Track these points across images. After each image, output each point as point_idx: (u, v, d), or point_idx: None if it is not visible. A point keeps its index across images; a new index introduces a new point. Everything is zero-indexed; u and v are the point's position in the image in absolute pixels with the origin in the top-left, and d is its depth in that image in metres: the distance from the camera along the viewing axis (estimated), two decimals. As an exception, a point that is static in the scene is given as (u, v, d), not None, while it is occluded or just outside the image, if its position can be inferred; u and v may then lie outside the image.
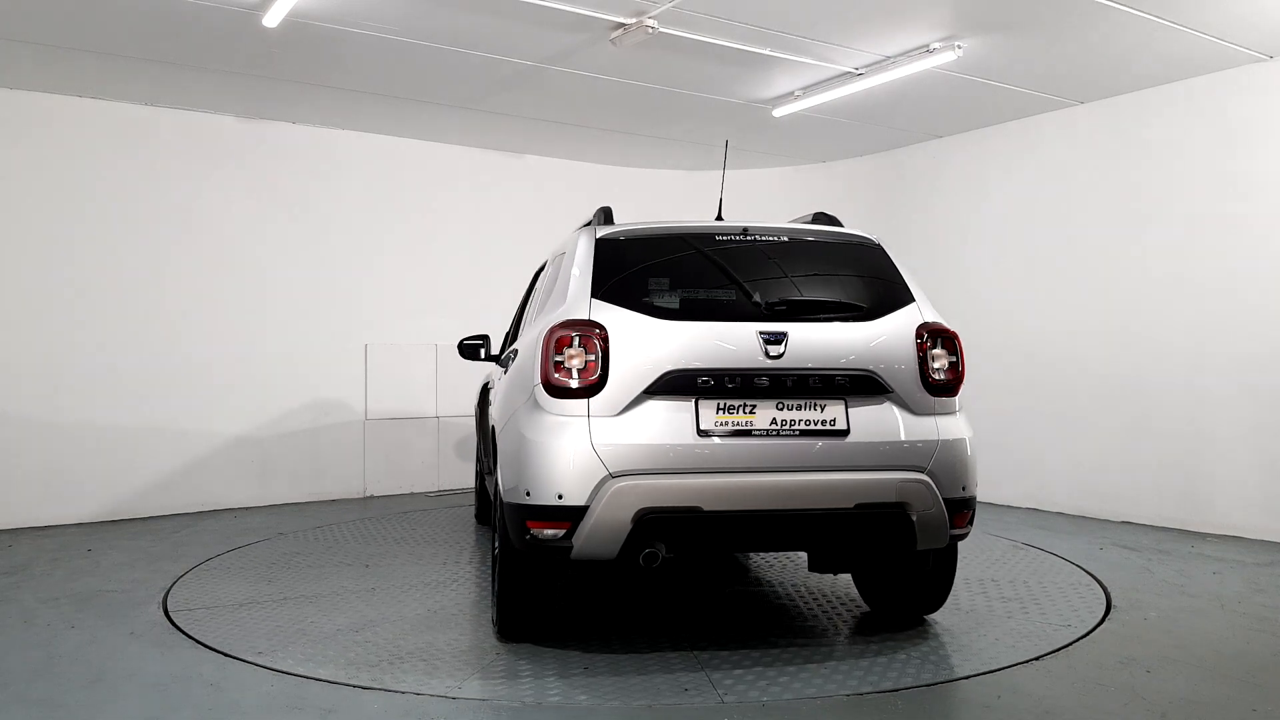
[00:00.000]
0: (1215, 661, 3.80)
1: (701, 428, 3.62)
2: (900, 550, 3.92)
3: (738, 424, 3.65)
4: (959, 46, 6.00)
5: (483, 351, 6.23)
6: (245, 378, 7.79)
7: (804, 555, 5.72)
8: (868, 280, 4.12)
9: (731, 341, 3.70)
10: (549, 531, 3.59)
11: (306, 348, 8.09)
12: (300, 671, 3.71)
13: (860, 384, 3.77)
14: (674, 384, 3.63)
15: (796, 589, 5.06)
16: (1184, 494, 6.60)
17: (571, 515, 3.54)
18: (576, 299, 3.81)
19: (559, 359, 3.65)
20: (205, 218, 7.69)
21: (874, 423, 3.76)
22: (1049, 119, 7.53)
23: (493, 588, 4.40)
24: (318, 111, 7.73)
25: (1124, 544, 6.10)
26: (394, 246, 8.54)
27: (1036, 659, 3.83)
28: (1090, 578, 5.19)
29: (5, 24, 5.70)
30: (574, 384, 3.62)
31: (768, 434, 3.66)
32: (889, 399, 3.81)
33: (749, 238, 4.13)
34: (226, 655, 3.93)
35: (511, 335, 5.76)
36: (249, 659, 3.88)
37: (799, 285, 4.10)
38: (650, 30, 5.61)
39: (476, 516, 7.16)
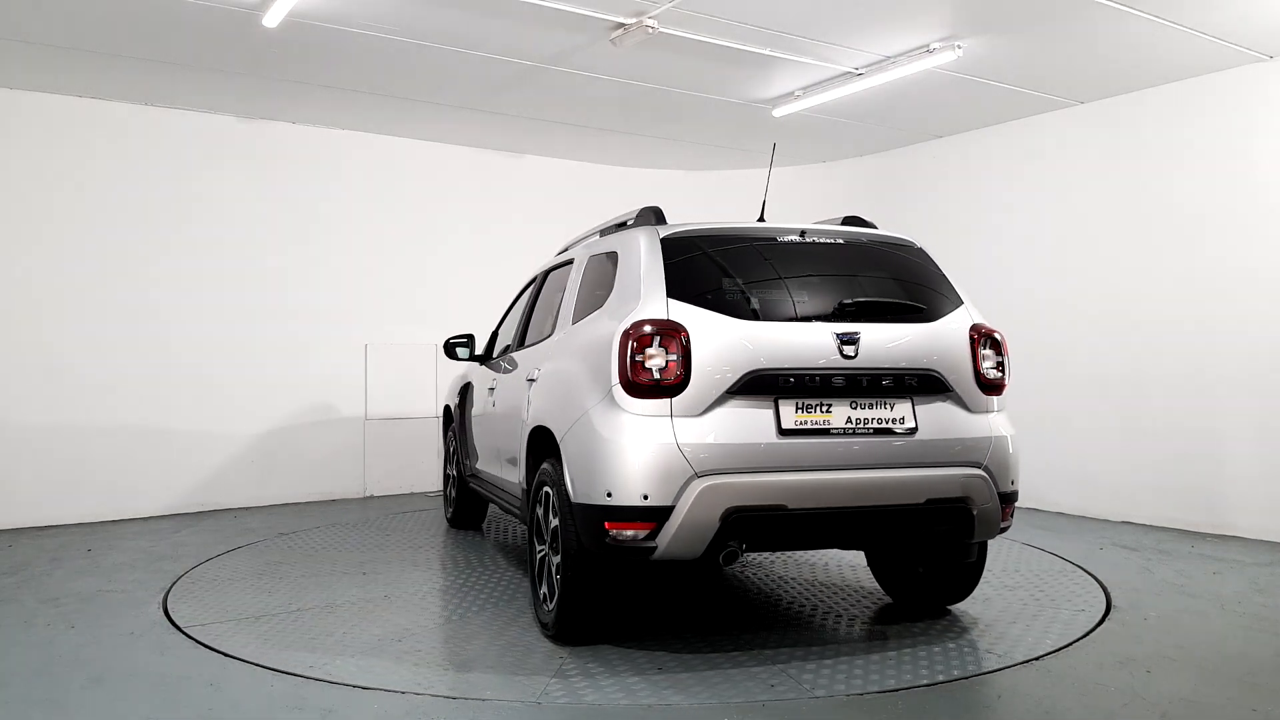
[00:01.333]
0: (1215, 661, 3.80)
1: (783, 427, 3.68)
2: (959, 542, 4.09)
3: (816, 423, 3.73)
4: (959, 46, 6.00)
5: (465, 351, 6.17)
6: (245, 378, 7.79)
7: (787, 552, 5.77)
8: (922, 282, 4.23)
9: (810, 342, 3.78)
10: (630, 533, 3.59)
11: (306, 348, 8.09)
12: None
13: (926, 383, 3.90)
14: (756, 384, 3.68)
15: (789, 583, 5.07)
16: (1184, 494, 6.59)
17: (657, 516, 3.55)
18: (650, 298, 3.78)
19: (639, 359, 3.64)
20: (205, 218, 7.69)
21: (938, 420, 3.90)
22: (1049, 119, 7.53)
23: (537, 591, 4.28)
24: (318, 111, 7.73)
25: (1124, 544, 6.10)
26: (394, 246, 8.55)
27: (1036, 659, 3.83)
28: (1090, 578, 5.19)
29: (5, 24, 5.70)
30: (657, 384, 3.62)
31: (844, 433, 3.76)
32: (948, 398, 3.96)
33: (806, 239, 4.18)
34: (226, 655, 3.92)
35: (519, 338, 5.51)
36: (254, 660, 3.87)
37: (863, 287, 4.15)
38: (650, 30, 5.61)
39: (450, 521, 6.88)
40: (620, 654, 3.93)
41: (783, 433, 3.67)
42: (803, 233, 4.19)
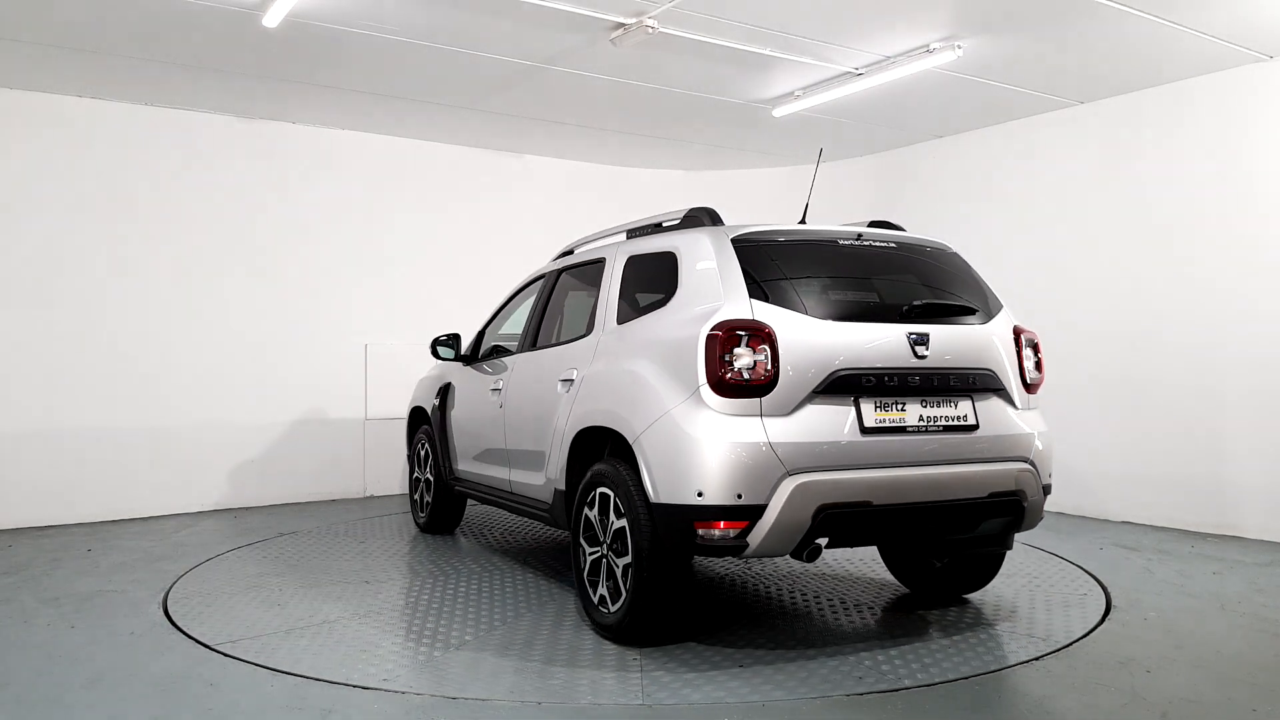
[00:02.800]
0: (1215, 661, 3.80)
1: (865, 425, 3.78)
2: (1009, 533, 4.25)
3: (894, 421, 3.85)
4: (959, 46, 6.00)
5: (450, 351, 6.08)
6: (245, 378, 7.79)
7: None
8: (969, 285, 4.37)
9: (887, 342, 3.89)
10: (721, 532, 3.63)
11: (306, 348, 8.09)
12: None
13: (984, 381, 4.08)
14: (839, 383, 3.77)
15: (799, 578, 5.07)
16: (1184, 494, 6.59)
17: (750, 514, 3.60)
18: (733, 299, 3.81)
19: (727, 358, 3.68)
20: (205, 218, 7.68)
21: (992, 418, 4.08)
22: (1049, 119, 7.53)
23: (589, 594, 4.21)
24: (318, 111, 7.73)
25: (1124, 544, 6.10)
26: (394, 246, 8.54)
27: (1036, 659, 3.83)
28: (1090, 578, 5.19)
29: (5, 24, 5.70)
30: (746, 384, 3.67)
31: (918, 430, 3.89)
32: (1000, 395, 4.14)
33: (863, 242, 4.26)
34: (226, 655, 3.92)
35: (530, 339, 5.34)
36: (254, 660, 3.87)
37: (924, 289, 4.27)
38: (650, 30, 5.61)
39: (423, 527, 6.67)
40: (692, 652, 3.92)
41: (865, 431, 3.77)
42: (859, 236, 4.28)
